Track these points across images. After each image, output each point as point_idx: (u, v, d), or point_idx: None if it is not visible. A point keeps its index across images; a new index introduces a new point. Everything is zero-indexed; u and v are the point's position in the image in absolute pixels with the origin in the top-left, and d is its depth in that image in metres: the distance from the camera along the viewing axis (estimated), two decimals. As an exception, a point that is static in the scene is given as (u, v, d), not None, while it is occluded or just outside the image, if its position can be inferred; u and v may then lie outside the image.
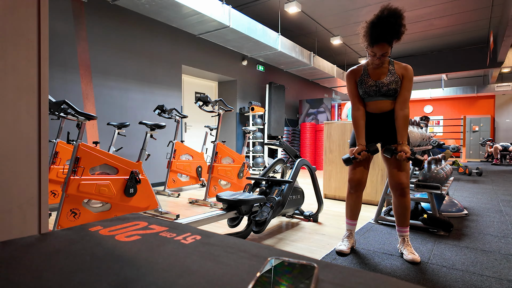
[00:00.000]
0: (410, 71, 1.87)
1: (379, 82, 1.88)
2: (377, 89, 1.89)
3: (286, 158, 6.46)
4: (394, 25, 1.69)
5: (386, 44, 1.73)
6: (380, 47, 1.74)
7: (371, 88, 1.90)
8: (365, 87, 1.92)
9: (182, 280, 0.32)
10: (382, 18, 1.70)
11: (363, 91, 1.93)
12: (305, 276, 0.32)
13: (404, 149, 1.82)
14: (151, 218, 0.57)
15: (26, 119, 0.65)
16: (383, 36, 1.70)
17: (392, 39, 1.73)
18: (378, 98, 1.91)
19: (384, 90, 1.87)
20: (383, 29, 1.69)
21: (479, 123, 11.78)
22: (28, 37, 0.64)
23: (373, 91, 1.90)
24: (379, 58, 1.80)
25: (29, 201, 0.65)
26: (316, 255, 2.00)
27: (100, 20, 4.03)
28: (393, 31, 1.70)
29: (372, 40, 1.74)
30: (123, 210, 2.61)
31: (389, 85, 1.86)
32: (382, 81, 1.87)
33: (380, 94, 1.90)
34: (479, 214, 3.03)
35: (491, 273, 1.71)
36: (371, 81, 1.90)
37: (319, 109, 8.11)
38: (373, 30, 1.72)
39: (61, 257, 0.38)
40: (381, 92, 1.88)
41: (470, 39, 8.22)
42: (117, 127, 3.58)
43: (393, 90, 1.86)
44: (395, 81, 1.86)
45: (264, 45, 5.58)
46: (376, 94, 1.90)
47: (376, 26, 1.71)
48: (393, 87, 1.86)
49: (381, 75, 1.89)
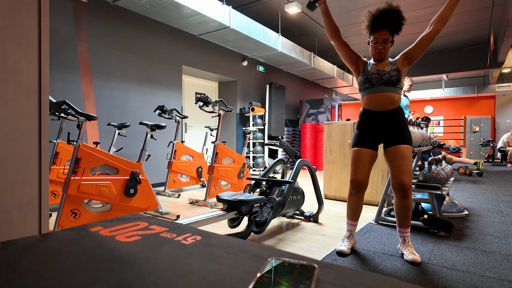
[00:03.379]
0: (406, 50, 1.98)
1: (381, 70, 1.93)
2: (379, 77, 1.92)
3: (287, 159, 6.46)
4: (394, 14, 1.83)
5: (387, 31, 1.85)
6: (382, 33, 1.86)
7: (373, 76, 1.93)
8: (367, 74, 1.96)
9: (183, 280, 0.32)
10: (382, 9, 1.85)
11: (365, 77, 1.96)
12: (305, 276, 0.32)
13: None
14: (151, 218, 0.57)
15: (27, 120, 0.65)
16: (384, 22, 1.84)
17: (392, 27, 1.85)
18: (380, 88, 1.92)
19: (386, 78, 1.90)
20: (384, 16, 1.83)
21: (479, 123, 11.77)
22: (29, 37, 0.64)
23: (375, 78, 1.93)
24: (381, 43, 1.88)
25: (30, 201, 0.65)
26: (317, 256, 2.00)
27: (101, 21, 4.03)
28: (394, 19, 1.83)
29: (374, 27, 1.87)
30: (123, 210, 2.61)
31: (390, 72, 1.90)
32: (384, 69, 1.93)
33: (382, 82, 1.91)
34: (479, 215, 3.02)
35: (491, 273, 1.71)
36: (373, 69, 1.96)
37: (320, 110, 8.11)
38: (375, 17, 1.86)
39: (62, 257, 0.38)
40: (383, 79, 1.91)
41: (470, 40, 8.21)
42: (118, 127, 3.58)
43: (395, 77, 1.89)
44: (397, 69, 1.91)
45: (264, 45, 5.58)
46: (378, 82, 1.92)
47: (378, 14, 1.85)
48: (395, 73, 1.90)
49: (383, 65, 1.96)
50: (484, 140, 10.86)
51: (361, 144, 2.01)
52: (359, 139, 2.03)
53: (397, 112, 1.93)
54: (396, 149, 1.91)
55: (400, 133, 1.92)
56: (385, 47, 1.88)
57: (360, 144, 2.01)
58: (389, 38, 1.86)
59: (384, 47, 1.88)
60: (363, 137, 2.01)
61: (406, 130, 1.94)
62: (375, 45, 1.90)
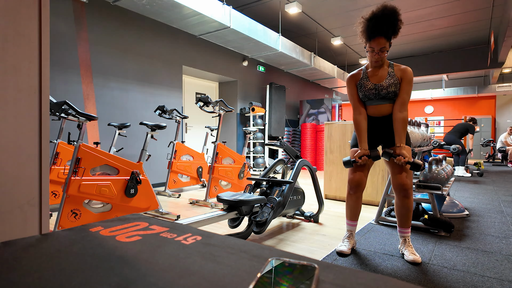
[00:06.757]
0: (409, 73, 1.85)
1: (378, 85, 1.88)
2: (377, 92, 1.89)
3: (287, 159, 6.46)
4: (390, 17, 1.72)
5: (384, 38, 1.76)
6: (378, 41, 1.76)
7: (371, 92, 1.90)
8: (365, 90, 1.92)
9: (183, 280, 0.32)
10: (377, 13, 1.74)
11: (363, 94, 1.94)
12: (305, 276, 0.32)
13: (403, 153, 1.81)
14: (151, 218, 0.57)
15: (27, 120, 0.65)
16: (380, 29, 1.73)
17: (388, 33, 1.75)
18: (378, 101, 1.91)
19: (384, 93, 1.87)
20: (380, 22, 1.72)
21: (480, 123, 11.76)
22: (29, 37, 0.65)
23: (373, 94, 1.90)
24: (378, 53, 1.80)
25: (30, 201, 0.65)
26: (317, 256, 2.00)
27: (101, 21, 4.04)
28: (389, 24, 1.72)
29: (370, 35, 1.77)
30: (123, 210, 2.61)
31: (388, 87, 1.85)
32: (382, 84, 1.87)
33: (379, 98, 1.89)
34: (480, 215, 3.02)
35: (492, 274, 1.71)
36: (370, 84, 1.90)
37: (320, 110, 8.11)
38: (369, 24, 1.75)
39: (62, 257, 0.38)
40: (380, 95, 1.88)
41: (470, 40, 8.21)
42: (118, 127, 3.58)
43: (392, 93, 1.86)
44: (394, 84, 1.85)
45: (264, 45, 5.58)
46: (375, 97, 1.90)
47: (372, 20, 1.74)
48: (392, 89, 1.85)
49: (380, 77, 1.89)
50: (484, 140, 10.85)
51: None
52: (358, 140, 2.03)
53: None
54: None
55: None
56: (382, 56, 1.82)
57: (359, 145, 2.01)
58: (386, 47, 1.78)
59: (381, 56, 1.82)
60: None
61: None
62: (372, 54, 1.84)
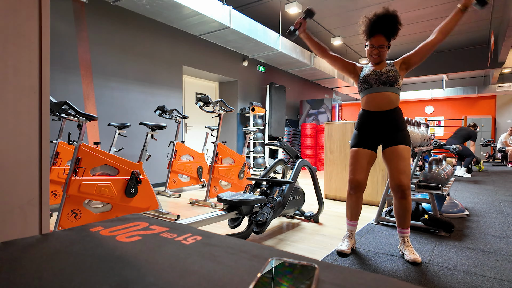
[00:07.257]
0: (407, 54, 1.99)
1: (378, 71, 1.95)
2: (377, 77, 1.94)
3: (287, 159, 6.45)
4: (391, 19, 1.86)
5: (383, 36, 1.89)
6: (377, 38, 1.90)
7: (371, 76, 1.96)
8: (365, 75, 1.98)
9: (183, 280, 0.32)
10: (379, 14, 1.88)
11: (363, 79, 1.98)
12: (305, 276, 0.32)
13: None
14: (151, 218, 0.57)
15: (27, 120, 0.65)
16: (381, 27, 1.87)
17: (388, 32, 1.88)
18: (378, 88, 1.93)
19: (384, 78, 1.92)
20: (380, 21, 1.87)
21: (480, 123, 11.75)
22: (29, 37, 0.65)
23: (373, 79, 1.95)
24: (377, 48, 1.91)
25: (30, 201, 0.65)
26: (317, 256, 2.00)
27: (101, 21, 4.04)
28: (390, 24, 1.86)
29: (371, 32, 1.90)
30: (123, 210, 2.61)
31: (388, 72, 1.92)
32: (382, 70, 1.95)
33: (380, 82, 1.93)
34: (480, 215, 3.02)
35: (492, 274, 1.71)
36: (371, 70, 1.99)
37: (320, 110, 8.11)
38: (371, 23, 1.89)
39: (62, 257, 0.38)
40: (381, 80, 1.92)
41: (471, 40, 8.21)
42: (118, 127, 3.58)
43: (393, 77, 1.91)
44: (394, 70, 1.94)
45: (264, 45, 5.58)
46: (376, 82, 1.94)
47: (374, 19, 1.88)
48: (392, 74, 1.91)
49: (380, 67, 1.98)
50: (484, 140, 10.85)
51: (359, 144, 2.02)
52: (357, 140, 2.03)
53: (395, 113, 1.93)
54: (394, 150, 1.91)
55: (398, 133, 1.93)
56: (381, 52, 1.92)
57: (358, 144, 2.02)
58: (385, 44, 1.90)
59: (380, 52, 1.92)
60: (361, 138, 2.02)
61: (404, 130, 1.94)
62: (371, 50, 1.94)
